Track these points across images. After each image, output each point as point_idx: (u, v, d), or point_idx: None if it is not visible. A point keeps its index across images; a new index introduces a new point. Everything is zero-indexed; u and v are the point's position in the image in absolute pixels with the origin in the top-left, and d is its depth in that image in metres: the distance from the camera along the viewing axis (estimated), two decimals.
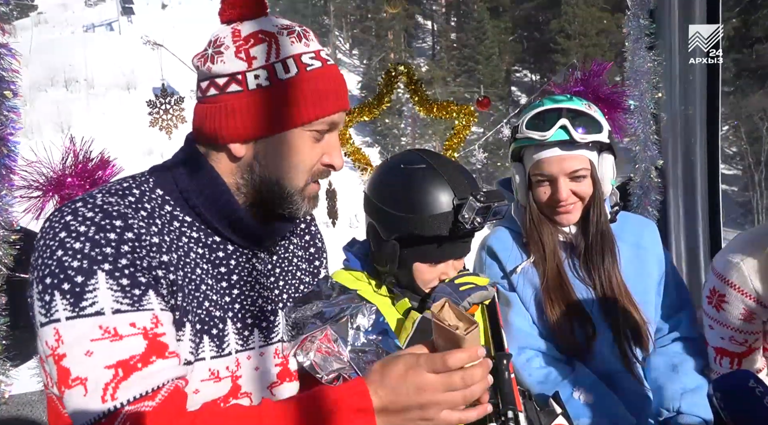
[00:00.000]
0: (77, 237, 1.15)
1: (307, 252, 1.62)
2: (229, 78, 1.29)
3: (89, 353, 1.10)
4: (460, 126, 7.14)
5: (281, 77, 1.29)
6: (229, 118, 1.30)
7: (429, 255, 1.82)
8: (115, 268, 1.15)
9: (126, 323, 1.13)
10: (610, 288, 2.07)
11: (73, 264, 1.13)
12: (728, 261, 1.94)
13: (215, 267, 1.35)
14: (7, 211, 2.40)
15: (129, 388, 1.10)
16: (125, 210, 1.22)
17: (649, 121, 3.07)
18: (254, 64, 1.29)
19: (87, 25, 54.07)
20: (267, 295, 1.45)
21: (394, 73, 6.82)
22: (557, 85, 3.04)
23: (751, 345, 1.99)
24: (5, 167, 2.37)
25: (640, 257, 2.17)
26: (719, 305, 1.98)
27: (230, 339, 1.34)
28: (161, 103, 6.36)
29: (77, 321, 1.11)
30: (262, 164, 1.33)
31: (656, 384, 2.05)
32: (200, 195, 1.33)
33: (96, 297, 1.12)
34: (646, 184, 3.11)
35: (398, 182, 1.81)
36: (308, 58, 1.31)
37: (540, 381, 2.01)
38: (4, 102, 2.32)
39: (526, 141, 2.06)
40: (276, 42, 1.30)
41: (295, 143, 1.32)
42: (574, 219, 2.10)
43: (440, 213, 1.73)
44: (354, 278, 1.95)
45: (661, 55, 3.03)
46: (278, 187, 1.35)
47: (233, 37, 1.30)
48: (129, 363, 1.11)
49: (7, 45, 2.32)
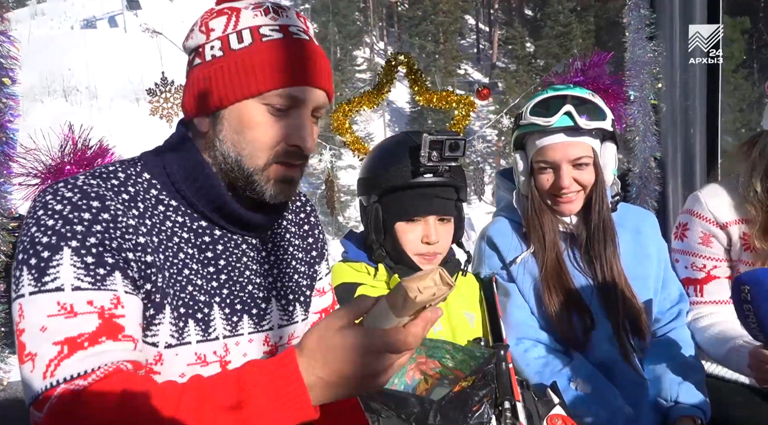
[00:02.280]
0: (52, 215, 1.16)
1: (305, 242, 1.60)
2: (194, 53, 1.33)
3: (43, 328, 1.10)
4: (459, 116, 7.14)
5: (233, 47, 1.27)
6: (191, 91, 1.32)
7: (405, 211, 1.90)
8: (82, 246, 1.14)
9: (84, 300, 1.13)
10: (612, 276, 2.07)
11: (42, 240, 1.14)
12: (691, 196, 2.26)
13: (201, 252, 1.34)
14: (6, 198, 2.40)
15: (68, 366, 1.09)
16: (105, 192, 1.21)
17: (649, 112, 3.06)
18: (212, 35, 1.29)
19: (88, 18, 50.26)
20: (259, 282, 1.43)
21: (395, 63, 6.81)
22: (557, 75, 3.04)
23: (709, 272, 2.22)
24: (4, 154, 2.36)
25: (640, 243, 2.18)
26: (683, 235, 2.26)
27: (217, 324, 1.33)
28: (161, 92, 6.35)
29: (38, 296, 1.11)
30: (220, 139, 1.31)
31: (654, 375, 2.06)
32: (186, 179, 1.32)
33: (58, 272, 1.12)
34: (645, 175, 3.11)
35: (374, 152, 2.00)
36: (268, 30, 1.28)
37: (538, 371, 2.01)
38: (3, 89, 2.32)
39: (530, 127, 2.06)
40: (237, 15, 1.29)
41: (249, 116, 1.28)
42: (575, 209, 2.10)
43: (403, 159, 1.87)
44: (354, 270, 1.97)
45: (661, 46, 3.02)
46: (238, 166, 1.31)
47: (204, 14, 1.33)
48: (76, 340, 1.10)
49: (6, 32, 2.31)
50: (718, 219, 2.16)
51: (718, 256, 2.20)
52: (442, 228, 1.94)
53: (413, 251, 1.92)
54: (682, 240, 2.27)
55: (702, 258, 2.22)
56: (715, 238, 2.19)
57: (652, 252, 2.19)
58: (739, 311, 1.68)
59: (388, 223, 1.92)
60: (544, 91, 2.15)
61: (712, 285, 2.22)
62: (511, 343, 2.04)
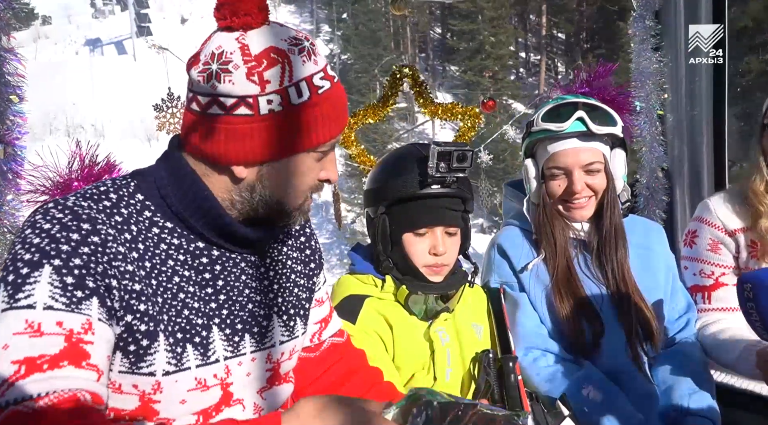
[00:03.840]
0: (39, 233, 1.14)
1: (303, 254, 1.59)
2: (238, 100, 1.23)
3: (5, 346, 1.06)
4: (465, 128, 7.13)
5: (294, 103, 1.25)
6: (236, 141, 1.25)
7: (413, 222, 1.89)
8: (64, 265, 1.12)
9: (53, 321, 1.09)
10: (624, 281, 2.07)
11: (24, 257, 1.12)
12: (701, 203, 2.29)
13: (198, 274, 1.32)
14: (14, 215, 2.41)
15: (21, 388, 1.04)
16: (96, 215, 1.19)
17: (655, 122, 3.06)
18: (267, 88, 1.23)
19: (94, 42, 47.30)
20: (259, 300, 1.42)
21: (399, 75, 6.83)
22: (562, 86, 3.04)
23: (717, 279, 2.23)
24: (12, 171, 2.38)
25: (647, 258, 2.17)
26: (692, 242, 2.28)
27: (216, 347, 1.31)
28: (168, 107, 6.38)
29: (9, 313, 1.08)
30: (264, 185, 1.31)
31: (664, 384, 2.05)
32: (183, 200, 1.30)
33: (33, 289, 1.09)
34: (652, 185, 3.10)
35: (381, 164, 2.00)
36: (319, 79, 1.28)
37: (547, 379, 2.00)
38: (10, 106, 2.33)
39: (542, 133, 2.07)
40: (289, 63, 1.24)
41: (301, 166, 1.31)
42: (587, 215, 2.10)
43: (411, 170, 1.88)
44: (361, 283, 1.96)
45: (666, 57, 3.02)
46: (278, 206, 1.34)
47: (243, 55, 1.23)
48: (35, 362, 1.05)
49: (13, 49, 2.33)
50: (727, 226, 2.19)
51: (726, 263, 2.22)
52: (449, 240, 1.93)
53: (421, 263, 1.91)
54: (691, 247, 2.29)
55: (710, 265, 2.24)
56: (723, 245, 2.21)
57: (660, 265, 2.19)
58: (743, 309, 1.71)
59: (395, 234, 1.92)
60: (552, 100, 2.16)
61: (720, 292, 2.23)
62: (519, 353, 2.03)
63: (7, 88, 2.31)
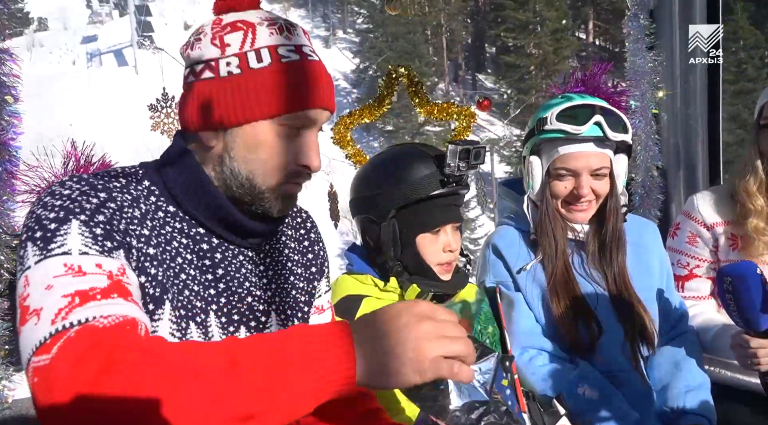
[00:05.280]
0: (60, 197, 1.15)
1: (304, 257, 1.58)
2: (204, 65, 1.29)
3: (49, 287, 1.04)
4: (460, 127, 7.14)
5: (252, 66, 1.26)
6: (196, 102, 1.29)
7: (427, 223, 1.90)
8: (90, 220, 1.13)
9: (92, 263, 1.09)
10: (624, 284, 2.08)
11: (49, 216, 1.12)
12: (689, 198, 2.42)
13: (199, 259, 1.32)
14: (9, 215, 2.40)
15: (82, 312, 1.01)
16: (112, 186, 1.22)
17: (650, 121, 3.07)
18: (227, 50, 1.27)
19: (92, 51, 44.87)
20: (259, 295, 1.41)
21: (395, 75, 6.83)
22: (557, 86, 3.04)
23: (692, 270, 2.37)
24: (7, 172, 2.37)
25: (641, 256, 2.18)
26: (674, 233, 2.44)
27: (214, 333, 1.32)
28: (162, 107, 6.37)
29: (44, 262, 1.07)
30: (231, 156, 1.31)
31: (660, 383, 2.06)
32: (183, 185, 1.32)
33: (65, 239, 1.09)
34: (647, 184, 3.11)
35: (383, 165, 1.98)
36: (285, 50, 1.29)
37: (543, 378, 2.01)
38: (5, 107, 2.32)
39: (556, 133, 2.04)
40: (253, 31, 1.28)
41: (265, 137, 1.29)
42: (587, 218, 2.11)
43: (427, 173, 1.88)
44: (359, 282, 1.96)
45: (661, 56, 3.03)
46: (249, 183, 1.32)
47: (213, 25, 1.31)
48: (88, 293, 1.04)
49: (8, 50, 2.32)
50: (706, 220, 2.31)
51: (701, 256, 2.34)
52: (456, 235, 1.96)
53: (435, 261, 1.92)
54: (673, 238, 2.44)
55: (686, 256, 2.38)
56: (700, 238, 2.34)
57: (654, 264, 2.19)
58: (722, 300, 1.82)
59: (407, 237, 1.91)
60: (564, 97, 2.15)
61: (692, 282, 2.36)
62: (515, 352, 2.04)
63: (2, 89, 2.30)
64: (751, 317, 1.76)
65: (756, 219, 2.17)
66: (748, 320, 1.78)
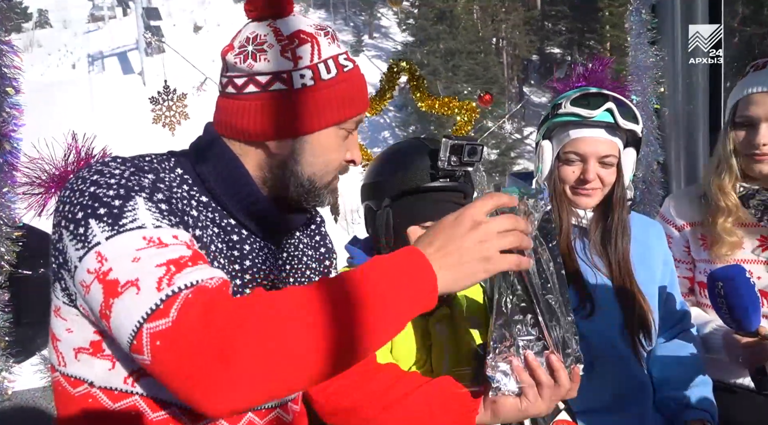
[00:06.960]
0: (111, 176, 1.15)
1: (317, 252, 1.62)
2: (272, 76, 1.31)
3: (136, 259, 1.05)
4: (462, 122, 7.14)
5: (324, 78, 1.32)
6: (271, 116, 1.32)
7: (419, 215, 1.88)
8: (151, 197, 1.15)
9: (169, 234, 1.11)
10: (626, 271, 2.09)
11: (109, 193, 1.12)
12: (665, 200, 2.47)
13: (229, 249, 1.35)
14: (10, 207, 2.41)
15: (185, 277, 1.04)
16: (154, 167, 1.25)
17: (652, 116, 3.07)
18: (300, 63, 1.31)
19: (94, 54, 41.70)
20: (279, 287, 1.44)
21: (396, 69, 6.82)
22: (559, 80, 3.04)
23: None
24: (8, 164, 2.38)
25: (644, 253, 2.18)
26: None
27: None
28: (164, 100, 6.37)
29: (118, 237, 1.08)
30: (296, 160, 1.35)
31: (662, 376, 2.08)
32: (217, 178, 1.34)
33: (136, 214, 1.10)
34: (648, 179, 3.11)
35: (384, 157, 2.00)
36: (343, 60, 1.36)
37: None
38: (6, 99, 2.33)
39: (569, 117, 2.08)
40: (317, 43, 1.33)
41: (330, 141, 1.36)
42: (592, 204, 2.12)
43: (420, 164, 1.88)
44: None
45: (663, 50, 3.03)
46: (309, 183, 1.37)
47: (276, 36, 1.32)
48: (179, 261, 1.06)
49: (9, 41, 2.33)
50: (676, 221, 2.39)
51: (675, 256, 2.36)
52: None
53: None
54: None
55: None
56: (672, 239, 2.38)
57: (656, 262, 2.20)
58: (713, 303, 1.86)
59: (399, 227, 1.92)
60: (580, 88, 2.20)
61: None
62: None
63: (3, 81, 2.31)
64: (741, 318, 1.81)
65: (725, 218, 2.20)
66: (739, 321, 1.82)
